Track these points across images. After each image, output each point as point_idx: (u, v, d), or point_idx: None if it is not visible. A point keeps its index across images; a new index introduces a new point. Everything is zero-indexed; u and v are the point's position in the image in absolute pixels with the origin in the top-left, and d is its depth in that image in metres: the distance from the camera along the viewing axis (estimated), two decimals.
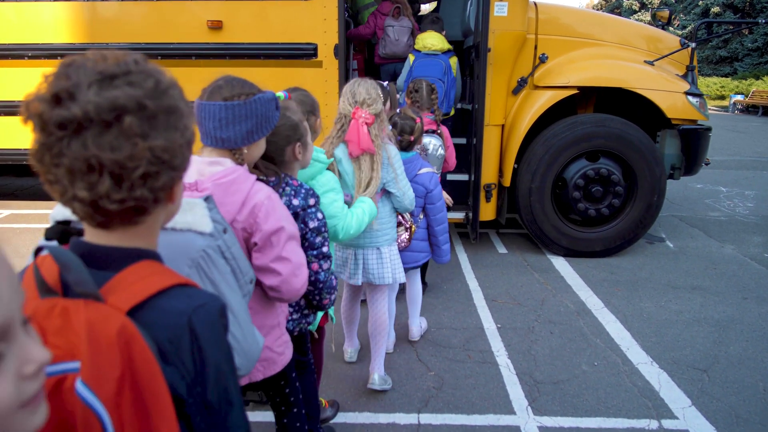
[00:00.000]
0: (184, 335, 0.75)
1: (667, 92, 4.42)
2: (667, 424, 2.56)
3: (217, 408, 0.80)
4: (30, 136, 0.71)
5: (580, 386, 2.83)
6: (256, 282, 1.54)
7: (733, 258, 4.72)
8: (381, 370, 2.75)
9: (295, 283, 1.52)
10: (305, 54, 4.15)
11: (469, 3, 4.75)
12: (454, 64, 4.47)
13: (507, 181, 4.55)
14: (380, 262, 2.60)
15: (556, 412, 2.63)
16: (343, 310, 2.96)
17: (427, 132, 3.32)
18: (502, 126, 4.50)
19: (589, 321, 3.55)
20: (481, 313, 3.64)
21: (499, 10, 4.08)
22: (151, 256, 0.80)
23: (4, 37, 4.23)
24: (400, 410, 2.63)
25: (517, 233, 5.34)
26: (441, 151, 3.36)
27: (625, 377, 2.92)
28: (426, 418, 2.57)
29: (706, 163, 4.89)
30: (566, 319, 3.57)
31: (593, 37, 4.70)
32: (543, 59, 4.44)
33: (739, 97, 22.45)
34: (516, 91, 4.48)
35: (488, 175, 4.49)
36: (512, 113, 4.51)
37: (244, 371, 1.18)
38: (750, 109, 21.57)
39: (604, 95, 4.83)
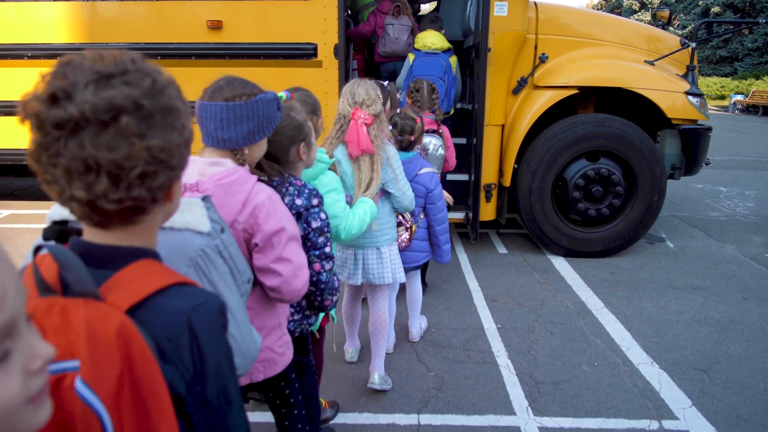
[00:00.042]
0: (184, 334, 0.75)
1: (668, 92, 4.41)
2: (668, 424, 2.55)
3: (216, 407, 0.79)
4: (29, 135, 0.71)
5: (581, 386, 2.83)
6: (256, 282, 1.54)
7: (734, 258, 4.72)
8: (381, 369, 2.74)
9: (296, 284, 1.51)
10: (305, 54, 4.14)
11: (469, 3, 4.75)
12: (454, 63, 4.46)
13: (507, 181, 4.55)
14: (380, 262, 2.60)
15: (557, 412, 2.63)
16: (344, 310, 2.96)
17: (428, 132, 3.32)
18: (502, 126, 4.50)
19: (590, 321, 3.54)
20: (481, 314, 3.64)
21: (499, 10, 4.07)
22: (150, 255, 0.80)
23: (4, 37, 4.23)
24: (400, 411, 2.63)
25: (517, 233, 5.33)
26: (441, 151, 3.36)
27: (625, 377, 2.92)
28: (426, 419, 2.57)
29: (707, 163, 4.88)
30: (566, 319, 3.57)
31: (593, 36, 4.70)
32: (543, 59, 4.44)
33: (740, 97, 22.45)
34: (516, 91, 4.47)
35: (488, 175, 4.49)
36: (512, 113, 4.51)
37: (242, 371, 1.18)
38: (750, 109, 21.56)
39: (604, 95, 4.83)
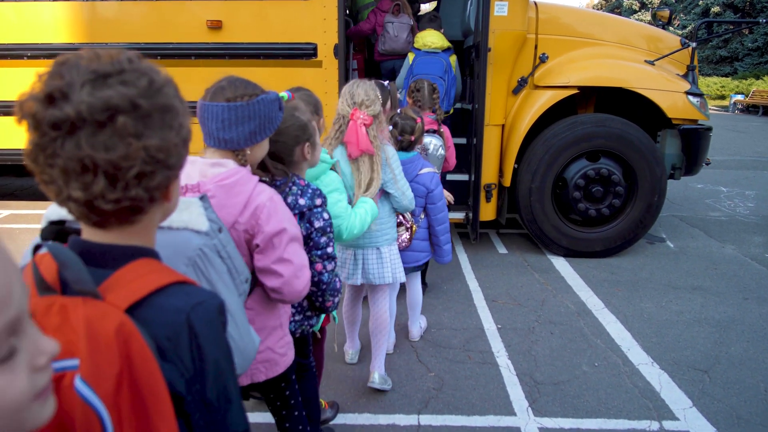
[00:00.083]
0: (183, 333, 0.75)
1: (668, 92, 4.41)
2: (668, 425, 2.55)
3: (216, 405, 0.80)
4: (26, 136, 0.71)
5: (581, 387, 2.83)
6: (258, 283, 1.54)
7: (734, 258, 4.71)
8: (381, 369, 2.74)
9: (297, 284, 1.51)
10: (305, 54, 4.14)
11: (469, 3, 4.74)
12: (454, 62, 4.46)
13: (507, 181, 4.54)
14: (380, 262, 2.60)
15: (557, 413, 2.63)
16: (344, 311, 2.95)
17: (428, 132, 3.31)
18: (503, 126, 4.50)
19: (590, 321, 3.54)
20: (482, 314, 3.64)
21: (499, 10, 4.07)
22: (149, 254, 0.80)
23: (4, 37, 4.22)
24: (400, 411, 2.62)
25: (518, 233, 5.33)
26: (441, 151, 3.35)
27: (625, 378, 2.91)
28: (426, 419, 2.57)
29: (707, 163, 4.88)
30: (566, 319, 3.57)
31: (593, 36, 4.69)
32: (543, 59, 4.43)
33: (740, 97, 22.44)
34: (516, 91, 4.47)
35: (488, 175, 4.49)
36: (512, 113, 4.51)
37: (240, 370, 1.19)
38: (750, 109, 21.55)
39: (604, 95, 4.83)
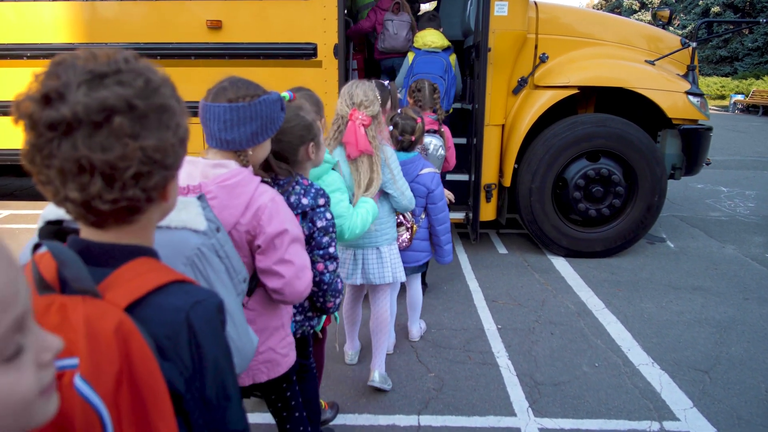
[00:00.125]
0: (182, 331, 0.75)
1: (668, 92, 4.40)
2: (669, 425, 2.54)
3: (215, 404, 0.80)
4: (23, 136, 0.71)
5: (581, 387, 2.82)
6: (259, 284, 1.54)
7: (734, 258, 4.71)
8: (382, 368, 2.74)
9: (298, 285, 1.50)
10: (305, 54, 4.14)
11: (469, 2, 4.74)
12: (454, 61, 4.46)
13: (507, 181, 4.54)
14: (380, 262, 2.60)
15: (557, 413, 2.62)
16: (344, 311, 2.94)
17: (428, 132, 3.31)
18: (503, 126, 4.49)
19: (590, 322, 3.53)
20: (482, 314, 3.63)
21: (499, 10, 4.07)
22: (147, 253, 0.80)
23: (4, 37, 4.22)
24: (400, 412, 2.62)
25: (518, 233, 5.32)
26: (441, 152, 3.35)
27: (626, 378, 2.91)
28: (426, 420, 2.56)
29: (707, 163, 4.88)
30: (567, 319, 3.56)
31: (594, 36, 4.69)
32: (543, 59, 4.43)
33: (740, 97, 22.45)
34: (516, 91, 4.47)
35: (488, 175, 4.48)
36: (512, 113, 4.50)
37: (238, 370, 1.19)
38: (750, 109, 21.56)
39: (604, 95, 4.82)
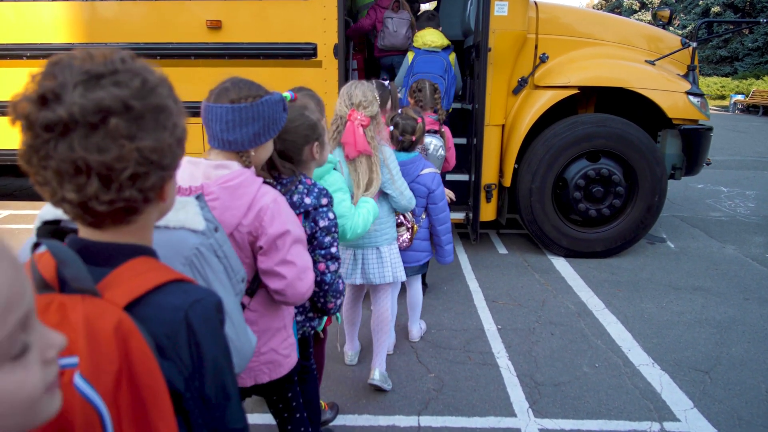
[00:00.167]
0: (181, 330, 0.76)
1: (668, 92, 4.40)
2: (669, 426, 2.54)
3: (214, 402, 0.80)
4: (20, 137, 0.70)
5: (581, 388, 2.82)
6: (261, 285, 1.54)
7: (735, 258, 4.70)
8: (383, 366, 2.74)
9: (300, 286, 1.50)
10: (305, 54, 4.13)
11: (470, 2, 4.74)
12: (453, 60, 4.46)
13: (507, 182, 4.53)
14: (380, 262, 2.59)
15: (557, 414, 2.62)
16: (344, 312, 2.94)
17: (429, 132, 3.30)
18: (503, 126, 4.49)
19: (590, 322, 3.53)
20: (482, 314, 3.63)
21: (499, 10, 4.06)
22: (146, 253, 0.81)
23: (4, 37, 4.22)
24: (399, 412, 2.62)
25: (518, 234, 5.32)
26: (441, 152, 3.34)
27: (626, 379, 2.90)
28: (426, 421, 2.56)
29: (707, 163, 4.87)
30: (567, 320, 3.56)
31: (594, 36, 4.69)
32: (543, 59, 4.42)
33: (740, 97, 22.44)
34: (516, 91, 4.46)
35: (489, 176, 4.48)
36: (513, 113, 4.50)
37: (237, 370, 1.19)
38: (750, 109, 21.55)
39: (604, 95, 4.82)
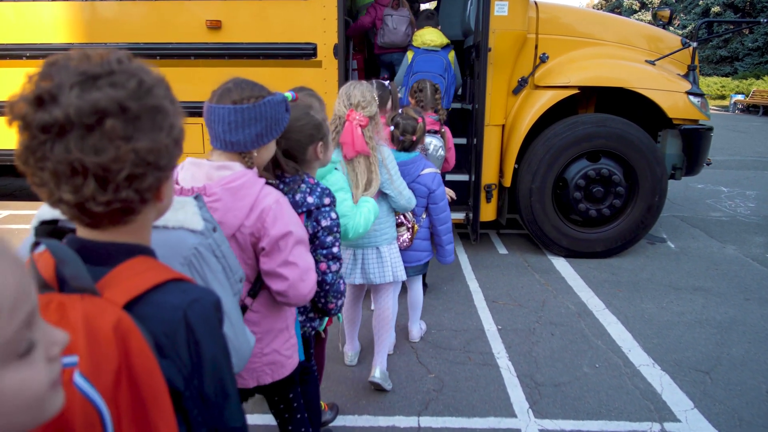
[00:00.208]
0: (180, 329, 0.76)
1: (669, 92, 4.40)
2: (669, 426, 2.54)
3: (213, 401, 0.81)
4: (17, 137, 0.70)
5: (582, 388, 2.81)
6: (264, 286, 1.54)
7: (735, 258, 4.70)
8: (384, 365, 2.74)
9: (303, 288, 1.50)
10: (305, 54, 4.13)
11: (470, 2, 4.73)
12: (453, 59, 4.46)
13: (507, 182, 4.53)
14: (380, 262, 2.59)
15: (557, 414, 2.61)
16: (344, 312, 2.93)
17: (429, 132, 3.30)
18: (503, 126, 4.49)
19: (591, 322, 3.53)
20: (482, 315, 3.62)
21: (499, 10, 4.06)
22: (145, 252, 0.81)
23: (4, 37, 4.22)
24: (399, 413, 2.61)
25: (518, 234, 5.32)
26: (441, 152, 3.34)
27: (626, 379, 2.90)
28: (426, 421, 2.55)
29: (708, 163, 4.87)
30: (567, 320, 3.55)
31: (594, 36, 4.68)
32: (543, 59, 4.42)
33: (740, 97, 22.44)
34: (516, 91, 4.46)
35: (489, 176, 4.47)
36: (513, 113, 4.50)
37: (236, 370, 1.19)
38: (751, 109, 21.55)
39: (605, 95, 4.82)
